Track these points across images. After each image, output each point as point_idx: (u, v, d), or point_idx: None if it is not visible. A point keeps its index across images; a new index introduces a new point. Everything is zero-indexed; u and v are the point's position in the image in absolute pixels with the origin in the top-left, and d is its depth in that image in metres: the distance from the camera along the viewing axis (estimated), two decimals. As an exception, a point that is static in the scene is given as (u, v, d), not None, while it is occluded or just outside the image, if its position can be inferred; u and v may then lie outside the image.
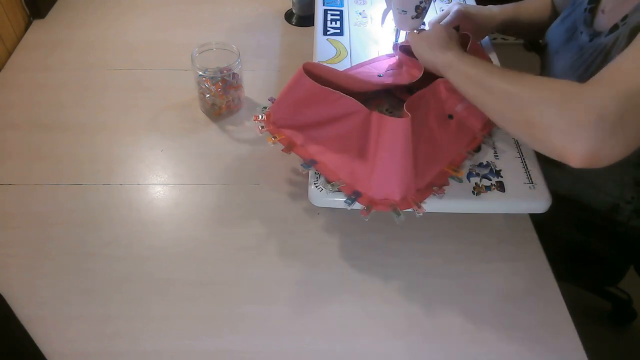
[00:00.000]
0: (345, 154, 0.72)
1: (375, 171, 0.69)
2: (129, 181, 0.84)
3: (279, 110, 0.76)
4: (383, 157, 0.68)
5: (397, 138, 0.67)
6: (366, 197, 0.69)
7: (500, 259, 0.75)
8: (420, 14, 0.83)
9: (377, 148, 0.69)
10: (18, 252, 0.75)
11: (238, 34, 1.15)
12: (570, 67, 0.80)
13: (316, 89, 0.71)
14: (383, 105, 0.82)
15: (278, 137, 0.75)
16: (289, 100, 0.75)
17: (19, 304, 0.69)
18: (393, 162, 0.68)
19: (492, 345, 0.67)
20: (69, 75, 1.03)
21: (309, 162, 0.72)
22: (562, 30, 0.85)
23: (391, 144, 0.67)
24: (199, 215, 0.80)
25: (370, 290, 0.72)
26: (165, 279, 0.72)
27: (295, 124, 0.76)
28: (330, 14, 1.00)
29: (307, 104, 0.74)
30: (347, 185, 0.70)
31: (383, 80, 0.81)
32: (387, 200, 0.68)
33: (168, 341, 0.66)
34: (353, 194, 0.69)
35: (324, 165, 0.72)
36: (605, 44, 0.73)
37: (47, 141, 0.90)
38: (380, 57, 0.89)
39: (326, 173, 0.71)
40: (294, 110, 0.75)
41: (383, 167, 0.68)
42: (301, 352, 0.66)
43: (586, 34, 0.77)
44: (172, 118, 0.95)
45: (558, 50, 0.84)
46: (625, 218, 0.87)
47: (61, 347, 0.65)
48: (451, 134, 0.76)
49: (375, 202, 0.68)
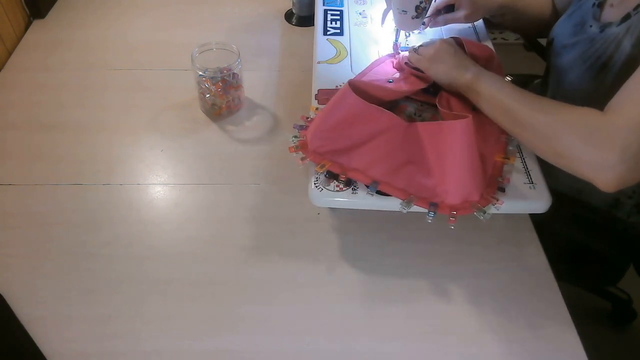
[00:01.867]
0: (403, 169, 0.70)
1: (449, 177, 0.68)
2: (129, 181, 0.84)
3: (319, 136, 0.71)
4: (454, 161, 0.67)
5: (464, 139, 0.66)
6: (445, 205, 0.68)
7: (500, 259, 0.75)
8: (420, 14, 0.83)
9: (440, 155, 0.68)
10: (18, 252, 0.75)
11: (238, 34, 1.15)
12: (580, 57, 0.81)
13: (360, 105, 0.69)
14: (407, 110, 0.80)
15: (327, 165, 0.70)
16: (330, 123, 0.71)
17: (19, 304, 0.69)
18: (464, 163, 0.67)
19: (492, 345, 0.67)
20: (69, 75, 1.03)
21: (372, 184, 0.69)
22: (570, 25, 0.85)
23: (460, 146, 0.67)
24: (199, 215, 0.80)
25: (370, 290, 0.72)
26: (165, 279, 0.72)
27: (338, 147, 0.71)
28: (330, 14, 1.00)
29: (350, 123, 0.70)
30: (421, 199, 0.68)
31: (401, 87, 0.80)
32: (467, 202, 0.67)
33: (168, 341, 0.66)
34: (431, 206, 0.67)
35: (388, 185, 0.69)
36: (617, 33, 0.74)
37: (47, 141, 0.90)
38: (381, 58, 0.89)
39: (395, 193, 0.68)
40: (335, 133, 0.71)
41: (457, 171, 0.67)
42: (301, 352, 0.66)
43: (596, 26, 0.79)
44: (172, 118, 0.95)
45: (565, 44, 0.85)
46: (625, 214, 0.88)
47: (61, 347, 0.65)
48: (481, 124, 0.75)
49: (456, 207, 0.67)
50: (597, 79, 0.78)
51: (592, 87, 0.79)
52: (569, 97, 0.84)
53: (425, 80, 0.79)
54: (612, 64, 0.75)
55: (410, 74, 0.81)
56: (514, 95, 0.68)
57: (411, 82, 0.80)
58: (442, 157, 0.69)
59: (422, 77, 0.80)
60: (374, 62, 0.87)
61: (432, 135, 0.69)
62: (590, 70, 0.79)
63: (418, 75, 0.80)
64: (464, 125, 0.66)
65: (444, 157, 0.68)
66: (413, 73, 0.81)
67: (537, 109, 0.65)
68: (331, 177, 0.70)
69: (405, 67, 0.83)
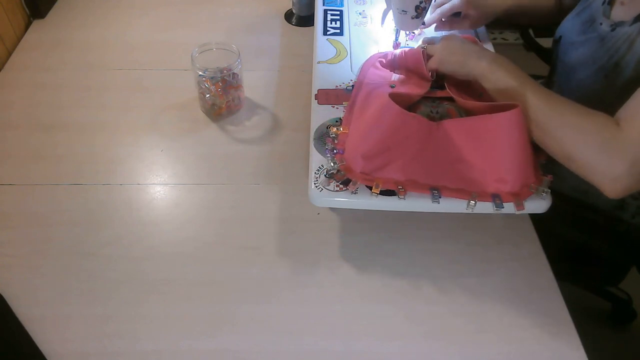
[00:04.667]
0: (450, 169, 0.69)
1: (506, 166, 0.67)
2: (128, 181, 0.84)
3: (364, 156, 0.68)
4: (510, 151, 0.66)
5: (520, 128, 0.66)
6: (507, 194, 0.67)
7: (500, 259, 0.75)
8: (420, 14, 0.83)
9: (485, 146, 0.67)
10: (18, 252, 0.75)
11: (238, 34, 1.15)
12: (591, 56, 0.80)
13: (402, 117, 0.67)
14: (422, 110, 0.77)
15: (381, 185, 0.67)
16: (373, 140, 0.68)
17: (18, 304, 0.69)
18: (522, 151, 0.66)
19: (492, 345, 0.67)
20: (69, 75, 1.03)
21: (435, 194, 0.67)
22: (579, 23, 0.85)
23: (517, 135, 0.66)
24: (199, 215, 0.80)
25: (370, 290, 0.72)
26: (165, 279, 0.72)
27: (382, 163, 0.68)
28: (330, 14, 1.00)
29: (391, 136, 0.68)
30: (482, 193, 0.67)
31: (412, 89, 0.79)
32: (525, 186, 0.67)
33: (168, 341, 0.66)
34: (496, 199, 0.67)
35: (446, 188, 0.68)
36: (630, 33, 0.74)
37: (47, 141, 0.90)
38: (368, 61, 0.87)
39: (456, 195, 0.67)
40: (379, 149, 0.68)
41: (516, 160, 0.67)
42: (301, 352, 0.66)
43: (607, 25, 0.78)
44: (172, 118, 0.95)
45: (574, 41, 0.85)
46: (630, 215, 0.87)
47: (61, 347, 0.65)
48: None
49: (518, 194, 0.67)
50: (608, 79, 0.77)
51: (602, 87, 0.79)
52: (577, 96, 0.83)
53: (424, 77, 0.79)
54: (625, 64, 0.74)
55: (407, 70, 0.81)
56: (531, 89, 0.68)
57: (414, 83, 0.80)
58: (490, 148, 0.67)
59: (420, 73, 0.80)
60: (364, 66, 0.86)
61: (469, 129, 0.68)
62: (601, 70, 0.78)
63: (417, 72, 0.80)
64: (517, 115, 0.66)
65: (492, 148, 0.67)
66: (410, 70, 0.81)
67: (554, 108, 0.66)
68: (331, 178, 0.70)
69: (398, 64, 0.83)
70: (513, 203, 0.66)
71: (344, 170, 0.69)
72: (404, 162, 0.68)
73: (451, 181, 0.69)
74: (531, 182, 0.68)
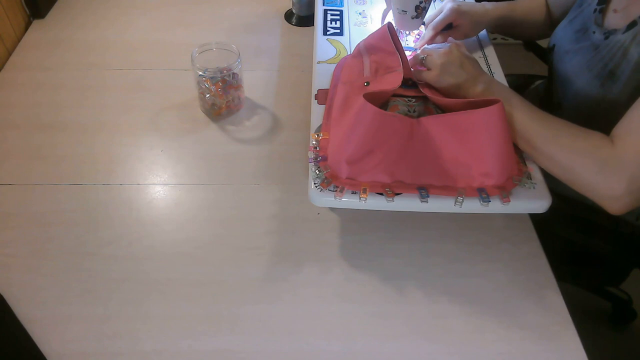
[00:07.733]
0: (437, 167, 0.69)
1: (490, 160, 0.67)
2: (128, 181, 0.84)
3: (347, 161, 0.68)
4: (493, 144, 0.67)
5: (502, 122, 0.66)
6: (491, 187, 0.68)
7: (500, 259, 0.75)
8: (420, 14, 0.83)
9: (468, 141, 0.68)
10: (18, 252, 0.75)
11: (238, 34, 1.15)
12: (586, 65, 0.80)
13: (379, 117, 0.66)
14: (400, 109, 0.77)
15: (368, 189, 0.67)
16: (353, 145, 0.67)
17: (18, 304, 0.69)
18: (505, 145, 0.67)
19: (492, 345, 0.67)
20: (69, 75, 1.03)
21: (423, 193, 0.67)
22: (571, 32, 0.85)
23: (500, 129, 0.66)
24: (199, 215, 0.80)
25: (370, 290, 0.72)
26: (165, 279, 0.72)
27: (367, 167, 0.68)
28: (330, 14, 1.00)
29: (372, 138, 0.67)
30: (468, 189, 0.68)
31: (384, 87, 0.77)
32: (509, 178, 0.69)
33: (168, 341, 0.66)
34: (482, 193, 0.67)
35: (433, 187, 0.68)
36: (624, 41, 0.74)
37: (47, 141, 0.90)
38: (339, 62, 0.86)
39: (443, 192, 0.68)
40: (361, 153, 0.67)
41: (499, 153, 0.67)
42: (301, 352, 0.66)
43: (600, 33, 0.78)
44: (172, 118, 0.95)
45: (568, 50, 0.85)
46: (634, 217, 0.87)
47: (61, 347, 0.65)
48: None
49: (504, 186, 0.68)
50: (604, 88, 0.77)
51: (599, 95, 0.78)
52: (576, 105, 0.83)
53: (392, 54, 0.79)
54: (620, 72, 0.74)
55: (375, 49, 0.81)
56: (526, 114, 0.69)
57: (387, 80, 0.78)
58: (472, 143, 0.68)
59: (387, 50, 0.79)
60: (335, 71, 0.85)
61: (452, 125, 0.69)
62: (596, 78, 0.78)
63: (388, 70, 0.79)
64: (499, 109, 0.66)
65: (475, 143, 0.68)
66: (377, 47, 0.81)
67: (550, 131, 0.68)
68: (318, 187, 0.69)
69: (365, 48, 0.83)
70: (499, 195, 0.67)
71: (330, 178, 0.69)
72: (389, 162, 0.68)
73: (437, 178, 0.69)
74: (514, 174, 0.69)
